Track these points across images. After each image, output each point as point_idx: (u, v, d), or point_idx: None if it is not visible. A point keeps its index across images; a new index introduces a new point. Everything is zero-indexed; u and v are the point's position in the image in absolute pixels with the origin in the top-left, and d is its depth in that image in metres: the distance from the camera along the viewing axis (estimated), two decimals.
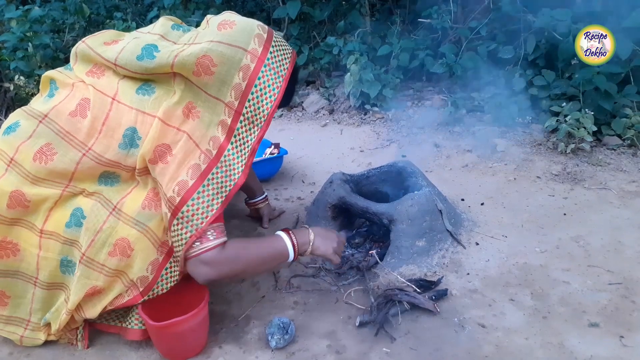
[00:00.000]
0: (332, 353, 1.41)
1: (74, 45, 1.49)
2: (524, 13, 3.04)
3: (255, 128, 1.39)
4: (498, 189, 2.33)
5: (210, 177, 1.33)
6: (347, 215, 2.02)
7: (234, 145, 1.38)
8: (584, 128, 2.53)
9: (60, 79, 1.44)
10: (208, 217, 1.31)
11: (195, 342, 1.41)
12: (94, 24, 4.46)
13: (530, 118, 2.93)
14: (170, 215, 1.29)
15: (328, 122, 3.37)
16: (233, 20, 1.41)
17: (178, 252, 1.33)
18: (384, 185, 2.10)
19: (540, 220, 2.04)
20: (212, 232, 1.33)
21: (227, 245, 1.36)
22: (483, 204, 2.19)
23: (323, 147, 3.00)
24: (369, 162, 2.73)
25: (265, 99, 1.38)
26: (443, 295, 1.60)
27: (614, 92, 2.65)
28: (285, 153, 2.54)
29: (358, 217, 1.99)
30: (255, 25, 1.42)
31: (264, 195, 2.11)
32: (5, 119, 1.44)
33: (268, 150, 2.53)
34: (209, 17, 1.48)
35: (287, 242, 1.44)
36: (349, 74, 3.33)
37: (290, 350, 1.43)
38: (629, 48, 2.56)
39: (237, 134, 1.38)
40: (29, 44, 3.54)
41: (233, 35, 1.37)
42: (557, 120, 2.64)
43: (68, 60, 1.52)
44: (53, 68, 1.52)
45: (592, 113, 2.57)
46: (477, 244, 1.88)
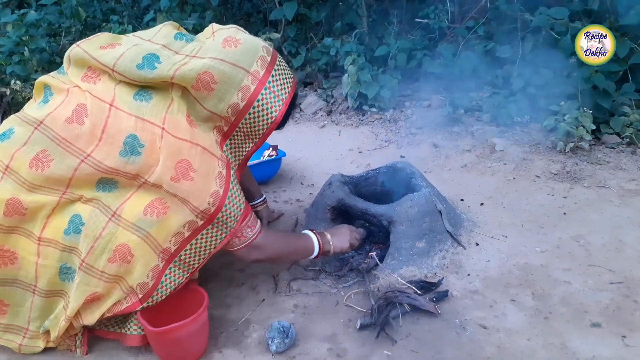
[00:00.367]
0: (333, 356, 1.41)
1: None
2: (521, 12, 3.04)
3: (250, 141, 1.49)
4: (497, 189, 2.32)
5: (232, 179, 1.41)
6: (346, 217, 2.01)
7: (228, 147, 1.46)
8: (583, 127, 2.52)
9: (55, 85, 1.42)
10: (238, 217, 1.43)
11: (195, 347, 1.40)
12: (90, 28, 4.45)
13: (529, 117, 2.92)
14: (204, 223, 1.37)
15: (326, 123, 3.37)
16: (239, 39, 1.41)
17: (204, 251, 1.42)
18: (383, 187, 2.09)
19: (540, 220, 2.03)
20: (252, 220, 1.49)
21: (267, 233, 1.55)
22: (483, 204, 2.18)
23: (321, 148, 3.00)
24: (368, 163, 2.72)
25: (262, 121, 1.44)
26: (444, 297, 1.59)
27: (612, 90, 2.64)
28: (284, 155, 2.54)
29: (357, 218, 1.99)
30: (260, 47, 1.43)
31: (263, 198, 2.10)
32: (1, 124, 1.42)
33: (266, 153, 2.52)
34: (215, 27, 1.49)
35: (314, 240, 1.63)
36: (347, 75, 3.32)
37: (291, 354, 1.42)
38: (627, 46, 2.56)
39: (232, 139, 1.46)
40: (25, 48, 3.53)
41: (236, 55, 1.38)
42: (555, 119, 2.64)
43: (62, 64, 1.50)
44: (49, 72, 1.50)
45: (590, 111, 2.56)
46: (477, 245, 1.87)
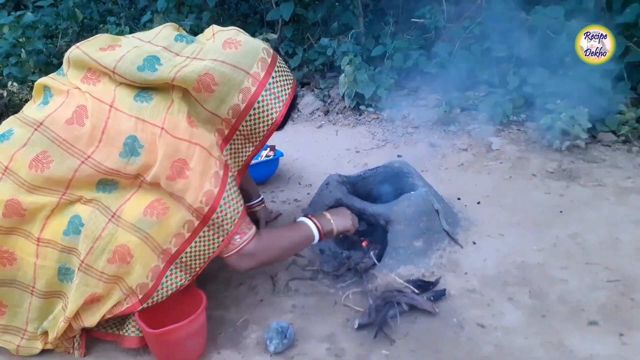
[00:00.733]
0: (331, 356, 1.41)
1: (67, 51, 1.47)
2: (517, 11, 3.05)
3: (250, 144, 1.48)
4: (494, 188, 2.33)
5: (230, 181, 1.38)
6: None
7: (228, 152, 1.44)
8: (579, 125, 2.53)
9: (55, 86, 1.42)
10: (235, 220, 1.38)
11: (194, 348, 1.40)
12: (87, 29, 4.45)
13: (525, 116, 2.93)
14: (199, 224, 1.34)
15: (323, 123, 3.37)
16: (239, 40, 1.42)
17: (204, 254, 1.38)
18: (381, 186, 2.09)
19: (537, 218, 2.03)
20: (244, 226, 1.43)
21: (261, 236, 1.47)
22: (479, 203, 2.19)
23: (319, 148, 3.00)
24: (365, 162, 2.73)
25: (263, 122, 1.44)
26: (441, 296, 1.60)
27: (608, 88, 2.65)
28: (281, 155, 2.54)
29: None
30: (261, 49, 1.43)
31: (261, 198, 2.10)
32: (0, 125, 1.43)
33: (264, 153, 2.52)
34: (216, 29, 1.49)
35: (311, 226, 1.58)
36: (344, 75, 3.33)
37: (290, 355, 1.42)
38: (622, 44, 2.57)
39: (232, 143, 1.45)
40: (22, 50, 3.52)
41: (237, 57, 1.39)
42: (551, 118, 2.64)
43: (62, 66, 1.50)
44: (47, 74, 1.51)
45: (586, 110, 2.57)
46: (474, 243, 1.87)
